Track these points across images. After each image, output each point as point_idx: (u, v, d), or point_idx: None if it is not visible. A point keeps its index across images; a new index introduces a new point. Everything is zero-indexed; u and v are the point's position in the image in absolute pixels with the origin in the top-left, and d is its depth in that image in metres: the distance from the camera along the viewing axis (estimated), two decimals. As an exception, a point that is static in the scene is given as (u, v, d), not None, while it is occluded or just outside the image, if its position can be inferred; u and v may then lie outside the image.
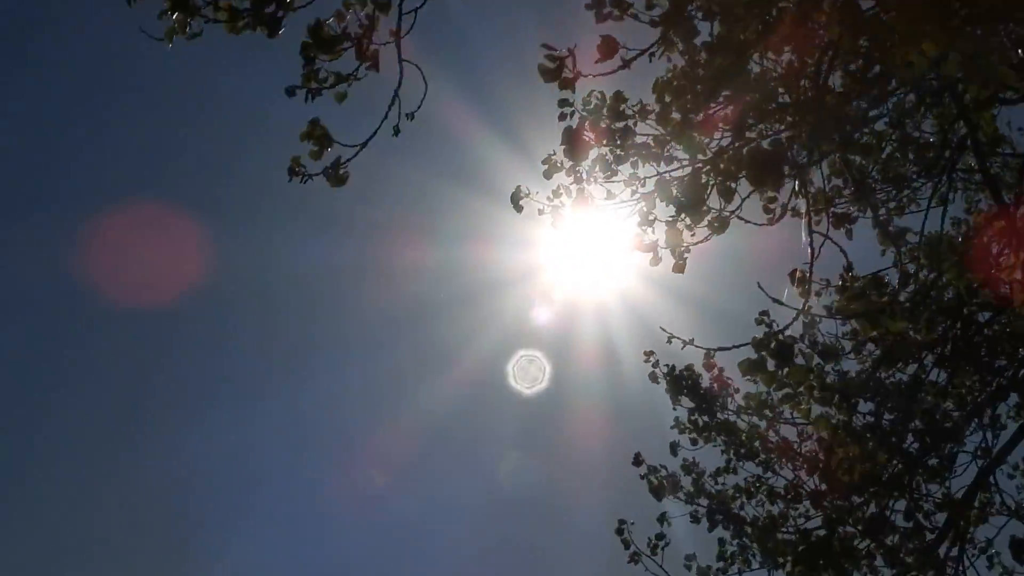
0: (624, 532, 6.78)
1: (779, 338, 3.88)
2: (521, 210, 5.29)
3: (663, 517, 6.69)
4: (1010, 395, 6.39)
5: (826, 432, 6.00)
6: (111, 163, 18.15)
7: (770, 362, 3.83)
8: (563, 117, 4.55)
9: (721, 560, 6.73)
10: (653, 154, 5.31)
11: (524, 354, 12.99)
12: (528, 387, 13.03)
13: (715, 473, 6.86)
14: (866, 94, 5.14)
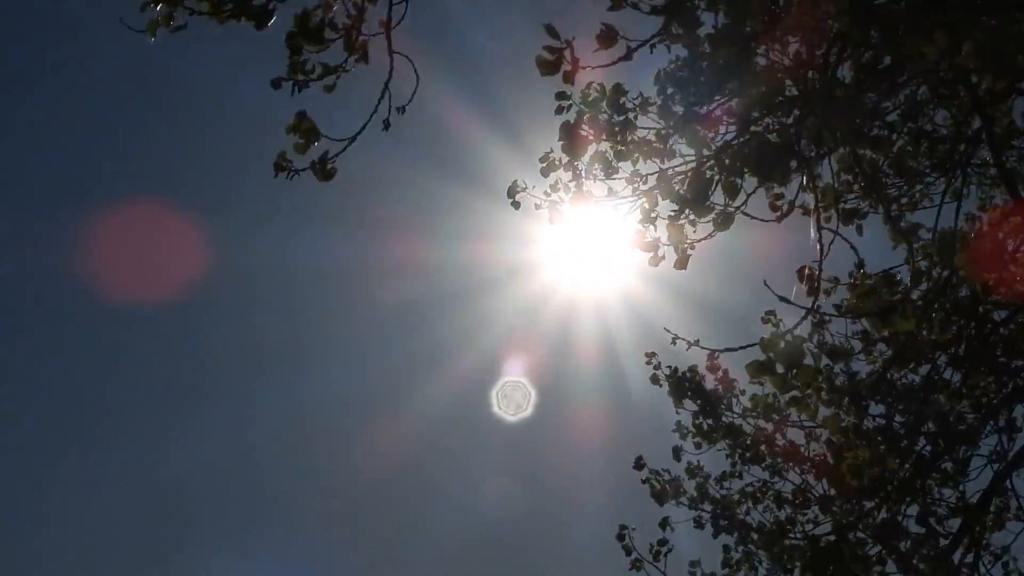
0: (625, 538, 6.70)
1: (788, 338, 3.78)
2: (518, 206, 5.19)
3: (665, 522, 6.60)
4: (1027, 397, 6.29)
5: (836, 434, 5.92)
6: (94, 161, 18.10)
7: (779, 364, 3.73)
8: (560, 111, 4.45)
9: (726, 567, 6.67)
10: (655, 150, 5.21)
11: (509, 380, 12.88)
12: (512, 414, 12.94)
13: (720, 477, 6.78)
14: (877, 86, 5.03)
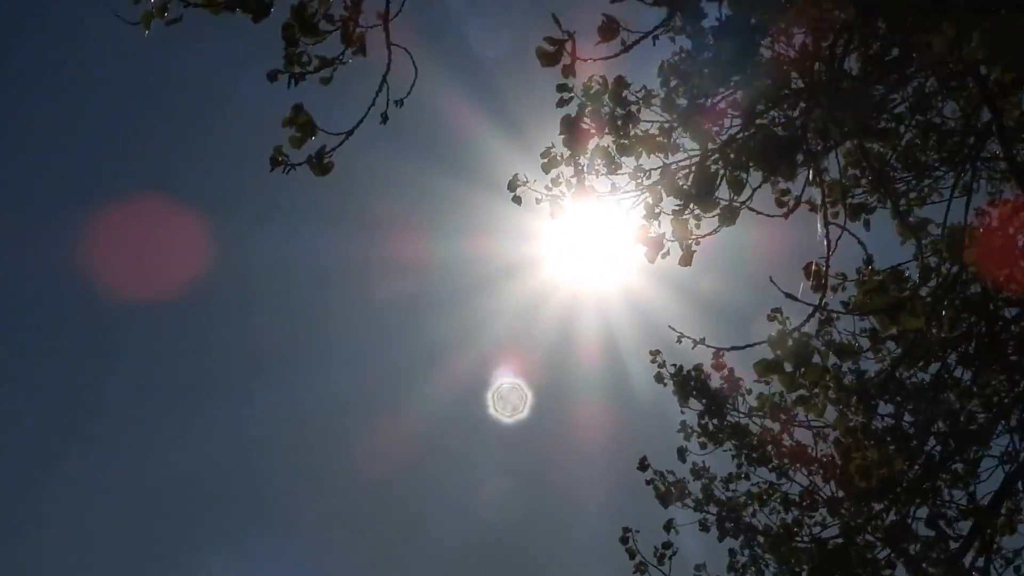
0: (629, 541, 6.65)
1: (796, 336, 3.71)
2: (519, 201, 5.12)
3: (670, 525, 6.54)
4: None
5: (844, 434, 5.84)
6: (90, 157, 18.01)
7: (787, 363, 3.66)
8: (562, 103, 4.38)
9: (732, 571, 6.59)
10: (658, 144, 5.15)
11: (504, 382, 12.81)
12: (508, 416, 12.87)
13: (726, 479, 6.71)
14: (884, 78, 4.96)
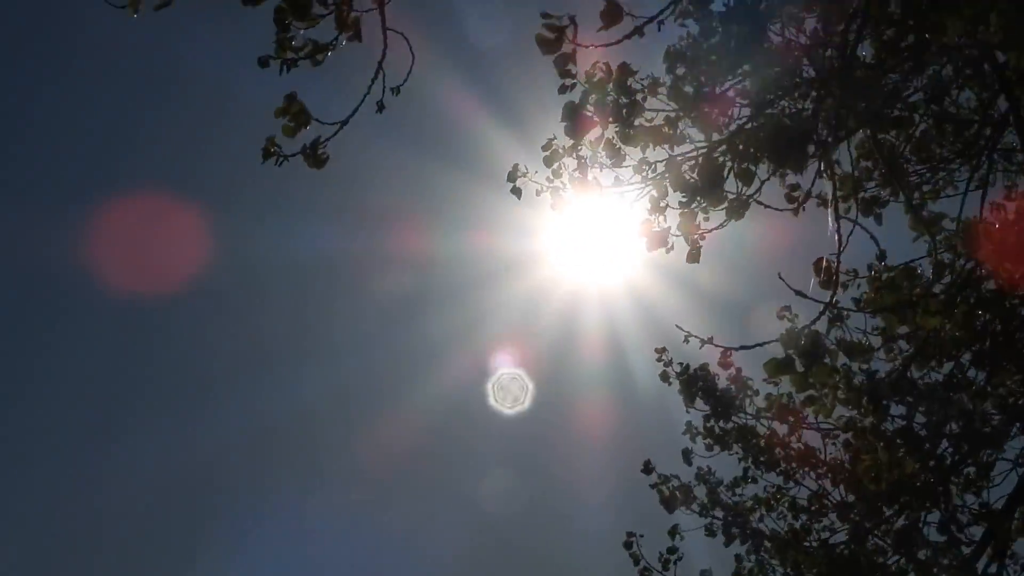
0: (633, 546, 6.55)
1: (807, 334, 3.58)
2: (519, 193, 4.99)
3: (675, 530, 6.44)
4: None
5: (853, 435, 5.72)
6: (85, 151, 17.84)
7: (799, 362, 3.54)
8: (564, 89, 4.25)
9: (738, 577, 6.49)
10: (664, 135, 5.02)
11: (505, 372, 12.68)
12: (509, 407, 12.75)
13: (732, 484, 6.60)
14: (899, 66, 4.83)
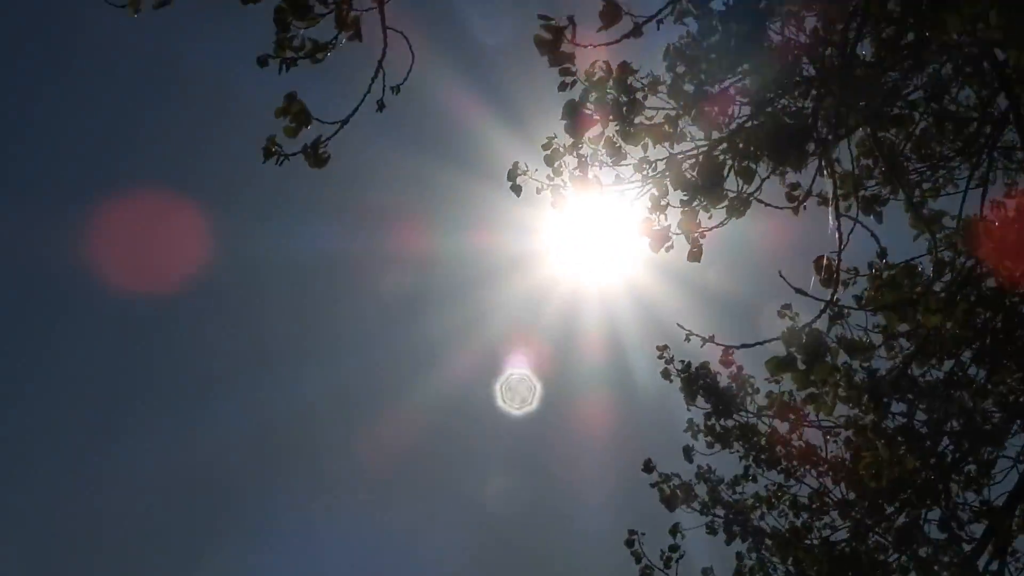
0: (635, 544, 6.56)
1: (808, 331, 3.60)
2: (519, 190, 5.00)
3: (676, 529, 6.46)
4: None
5: (853, 433, 5.73)
6: (75, 147, 17.78)
7: (800, 360, 3.55)
8: (563, 87, 4.26)
9: (739, 575, 6.50)
10: (664, 133, 5.03)
11: (513, 373, 12.66)
12: (517, 408, 12.74)
13: (732, 482, 6.62)
14: (898, 64, 4.84)
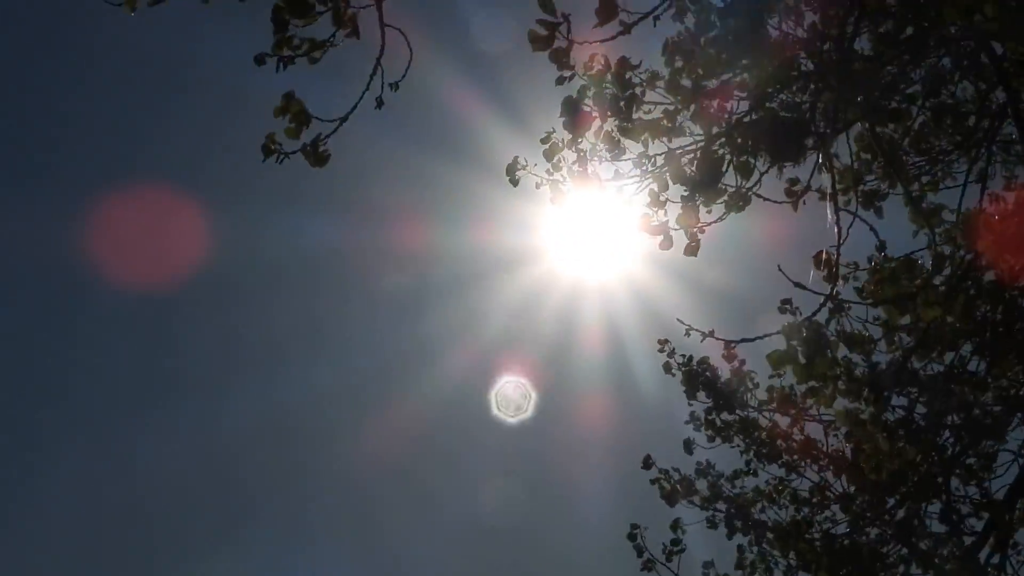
0: (637, 538, 6.57)
1: (808, 325, 3.62)
2: (516, 183, 5.01)
3: (677, 524, 6.46)
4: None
5: (853, 427, 5.74)
6: (86, 143, 17.78)
7: (801, 353, 3.57)
8: (561, 81, 4.26)
9: (740, 569, 6.52)
10: (663, 128, 5.03)
11: (507, 380, 12.66)
12: (512, 415, 12.75)
13: (732, 476, 6.63)
14: (897, 58, 4.84)
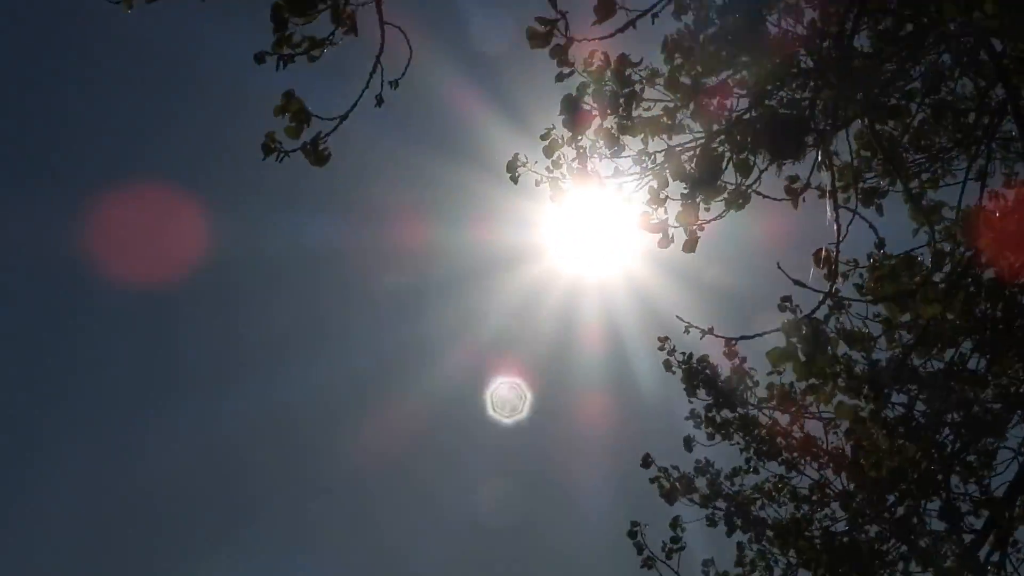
0: (637, 535, 6.56)
1: (808, 322, 3.61)
2: (516, 180, 5.01)
3: (676, 522, 6.46)
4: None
5: (852, 423, 5.74)
6: (88, 140, 17.77)
7: (800, 350, 3.57)
8: (560, 77, 4.26)
9: (740, 566, 6.52)
10: (663, 125, 5.04)
11: (503, 381, 12.66)
12: (507, 416, 12.76)
13: (732, 474, 6.63)
14: (896, 56, 4.84)
